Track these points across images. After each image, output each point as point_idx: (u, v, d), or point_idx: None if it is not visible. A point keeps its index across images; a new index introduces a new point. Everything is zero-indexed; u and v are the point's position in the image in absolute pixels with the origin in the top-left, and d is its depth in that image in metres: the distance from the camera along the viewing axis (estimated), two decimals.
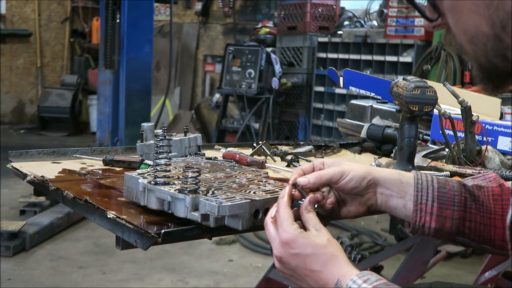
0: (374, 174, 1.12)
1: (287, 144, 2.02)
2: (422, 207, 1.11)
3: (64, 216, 4.41)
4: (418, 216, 1.11)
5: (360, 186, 1.11)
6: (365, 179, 1.11)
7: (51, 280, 3.53)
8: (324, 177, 1.10)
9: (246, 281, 3.62)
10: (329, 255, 0.99)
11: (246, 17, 8.18)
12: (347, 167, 1.11)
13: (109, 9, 5.25)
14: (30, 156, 1.66)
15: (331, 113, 5.52)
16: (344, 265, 0.98)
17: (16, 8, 9.48)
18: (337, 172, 1.11)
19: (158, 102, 7.82)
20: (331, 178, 1.10)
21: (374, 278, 0.95)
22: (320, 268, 0.99)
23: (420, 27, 4.81)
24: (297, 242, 1.00)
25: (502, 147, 1.67)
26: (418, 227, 1.12)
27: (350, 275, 0.97)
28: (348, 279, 0.96)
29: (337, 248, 1.00)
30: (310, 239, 1.00)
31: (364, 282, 0.94)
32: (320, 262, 0.99)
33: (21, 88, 9.62)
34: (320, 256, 0.99)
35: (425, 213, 1.11)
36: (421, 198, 1.11)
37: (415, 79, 1.38)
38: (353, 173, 1.10)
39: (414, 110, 1.35)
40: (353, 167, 1.12)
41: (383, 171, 1.14)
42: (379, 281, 0.95)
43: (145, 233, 1.04)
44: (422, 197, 1.11)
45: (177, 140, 1.62)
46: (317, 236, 1.01)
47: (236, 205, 1.05)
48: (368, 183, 1.11)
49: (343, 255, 1.00)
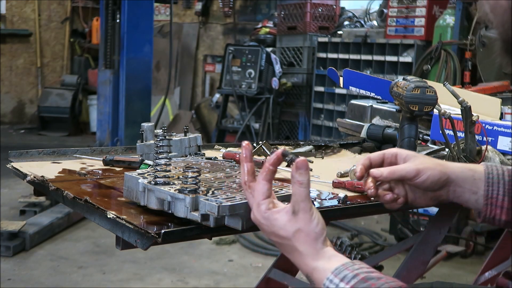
0: (449, 173, 1.12)
1: (287, 144, 2.02)
2: (492, 201, 1.12)
3: (64, 216, 4.41)
4: (488, 209, 1.13)
5: (435, 186, 1.12)
6: (440, 179, 1.11)
7: (51, 280, 3.53)
8: (397, 172, 1.10)
9: (246, 281, 3.62)
10: (293, 248, 0.95)
11: (246, 17, 8.18)
12: (422, 165, 1.10)
13: (109, 9, 5.25)
14: (30, 156, 1.66)
15: (331, 113, 5.52)
16: (309, 261, 0.94)
17: (16, 8, 9.48)
18: (412, 170, 1.10)
19: (158, 102, 7.82)
20: (405, 175, 1.10)
21: (350, 274, 0.90)
22: (289, 256, 0.97)
23: (420, 27, 4.81)
24: (263, 228, 0.98)
25: (502, 147, 1.67)
26: (488, 219, 1.14)
27: (319, 272, 0.93)
28: (318, 276, 0.92)
29: (304, 240, 0.94)
30: (274, 230, 0.96)
31: (341, 281, 0.90)
32: (287, 251, 0.97)
33: (21, 88, 9.62)
34: (285, 247, 0.97)
35: (496, 206, 1.12)
36: (491, 193, 1.12)
37: (415, 79, 1.38)
38: (429, 173, 1.10)
39: (414, 110, 1.35)
40: (428, 165, 1.11)
41: (456, 168, 1.14)
42: (356, 278, 0.89)
43: (145, 233, 1.04)
44: (493, 192, 1.12)
45: (177, 140, 1.62)
46: (284, 224, 0.95)
47: (236, 205, 1.04)
48: (442, 183, 1.12)
49: (310, 248, 0.94)
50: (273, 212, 0.96)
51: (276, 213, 0.96)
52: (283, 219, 0.95)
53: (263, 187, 0.97)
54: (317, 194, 1.40)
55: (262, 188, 0.97)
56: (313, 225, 0.94)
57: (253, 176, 1.01)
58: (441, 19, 4.42)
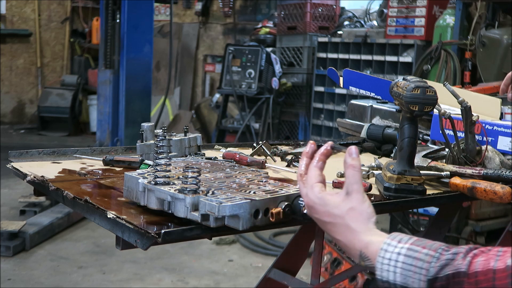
0: None
1: (287, 144, 2.02)
2: None
3: (64, 216, 4.41)
4: None
5: None
6: None
7: (51, 280, 3.53)
8: None
9: (246, 281, 3.62)
10: (345, 227, 0.99)
11: (246, 17, 8.17)
12: None
13: (109, 9, 5.25)
14: (30, 156, 1.66)
15: (331, 113, 5.52)
16: (363, 236, 0.98)
17: (16, 8, 9.48)
18: None
19: (158, 102, 7.82)
20: None
21: (406, 237, 0.95)
22: (340, 237, 1.00)
23: (420, 27, 4.81)
24: (315, 208, 1.02)
25: (502, 147, 1.67)
26: None
27: (373, 244, 0.96)
28: (373, 248, 0.95)
29: (357, 218, 0.98)
30: (328, 208, 1.00)
31: (398, 242, 0.94)
32: (339, 232, 1.00)
33: (21, 88, 9.62)
34: (337, 226, 1.00)
35: None
36: None
37: (415, 79, 1.38)
38: None
39: (414, 110, 1.34)
40: None
41: None
42: (412, 239, 0.94)
43: (145, 233, 1.04)
44: None
45: (177, 140, 1.62)
46: (338, 203, 1.00)
47: (236, 205, 1.04)
48: None
49: (363, 225, 0.98)
50: (326, 193, 1.02)
51: (330, 194, 1.02)
52: (337, 199, 1.01)
53: (315, 172, 1.05)
54: None
55: (315, 173, 1.05)
56: (365, 205, 1.00)
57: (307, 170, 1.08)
58: (441, 19, 4.42)
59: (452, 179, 1.47)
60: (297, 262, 2.28)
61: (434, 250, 0.90)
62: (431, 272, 0.88)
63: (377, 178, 1.49)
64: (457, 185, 1.45)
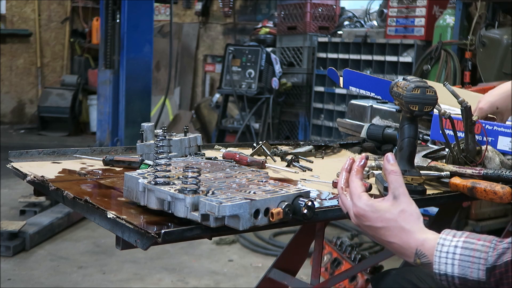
0: None
1: (287, 144, 2.02)
2: None
3: (64, 216, 4.41)
4: None
5: None
6: None
7: (51, 280, 3.53)
8: None
9: (246, 281, 3.62)
10: (399, 229, 1.02)
11: (246, 17, 8.17)
12: None
13: (109, 9, 5.25)
14: (30, 156, 1.66)
15: (331, 113, 5.52)
16: (418, 235, 1.01)
17: (16, 8, 9.48)
18: None
19: (158, 102, 7.82)
20: None
21: (459, 232, 1.00)
22: (395, 240, 1.03)
23: (420, 27, 4.81)
24: (367, 216, 1.05)
25: (502, 147, 1.67)
26: None
27: (429, 241, 1.00)
28: (429, 244, 0.99)
29: (409, 219, 1.02)
30: (380, 213, 1.04)
31: (453, 237, 0.99)
32: (393, 235, 1.03)
33: (21, 88, 9.62)
34: (391, 229, 1.03)
35: None
36: None
37: (415, 79, 1.38)
38: None
39: (414, 110, 1.34)
40: None
41: None
42: (465, 234, 1.00)
43: (145, 233, 1.04)
44: None
45: (177, 140, 1.62)
46: (389, 207, 1.03)
47: (236, 205, 1.04)
48: None
49: (416, 225, 1.02)
50: (374, 200, 1.06)
51: (378, 201, 1.06)
52: (386, 204, 1.05)
53: (358, 183, 1.10)
54: (317, 194, 1.40)
55: (358, 184, 1.10)
56: (414, 206, 1.05)
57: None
58: (441, 19, 4.42)
59: (452, 179, 1.47)
60: (297, 262, 2.28)
61: (489, 241, 0.96)
62: (489, 261, 0.94)
63: (377, 178, 1.49)
64: (457, 185, 1.45)
